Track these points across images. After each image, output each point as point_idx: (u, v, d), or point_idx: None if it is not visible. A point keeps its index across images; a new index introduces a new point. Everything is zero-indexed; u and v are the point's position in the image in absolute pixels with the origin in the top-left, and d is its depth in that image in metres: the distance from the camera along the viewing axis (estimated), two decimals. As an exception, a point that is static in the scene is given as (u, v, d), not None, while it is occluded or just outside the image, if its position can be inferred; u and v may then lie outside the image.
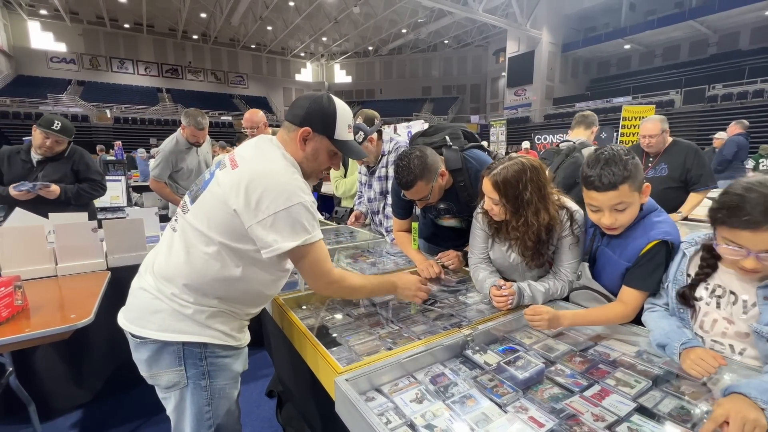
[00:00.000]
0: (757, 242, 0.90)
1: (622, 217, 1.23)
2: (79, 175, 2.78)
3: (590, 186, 1.22)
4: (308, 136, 1.14)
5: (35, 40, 23.75)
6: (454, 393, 0.95)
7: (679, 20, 18.82)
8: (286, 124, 1.17)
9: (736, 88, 15.88)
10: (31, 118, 19.50)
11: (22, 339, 1.32)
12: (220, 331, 1.12)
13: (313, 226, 1.09)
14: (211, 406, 1.14)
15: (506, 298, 1.35)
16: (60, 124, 2.59)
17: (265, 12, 22.73)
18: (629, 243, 1.27)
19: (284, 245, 1.04)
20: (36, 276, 1.91)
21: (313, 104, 1.14)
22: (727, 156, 5.59)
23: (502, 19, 20.97)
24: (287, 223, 1.03)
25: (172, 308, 1.07)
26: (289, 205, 1.03)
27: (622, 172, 1.17)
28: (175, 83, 28.46)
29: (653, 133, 2.77)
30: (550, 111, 22.59)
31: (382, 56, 31.81)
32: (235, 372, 1.19)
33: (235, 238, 1.06)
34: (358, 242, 2.46)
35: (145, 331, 1.08)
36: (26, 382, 1.96)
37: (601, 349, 1.17)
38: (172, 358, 1.09)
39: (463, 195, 1.79)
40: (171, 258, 1.10)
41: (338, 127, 1.16)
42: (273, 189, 1.03)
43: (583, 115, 3.10)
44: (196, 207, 1.11)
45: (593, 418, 0.86)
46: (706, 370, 0.95)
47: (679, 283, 1.15)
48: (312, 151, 1.16)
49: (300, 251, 1.08)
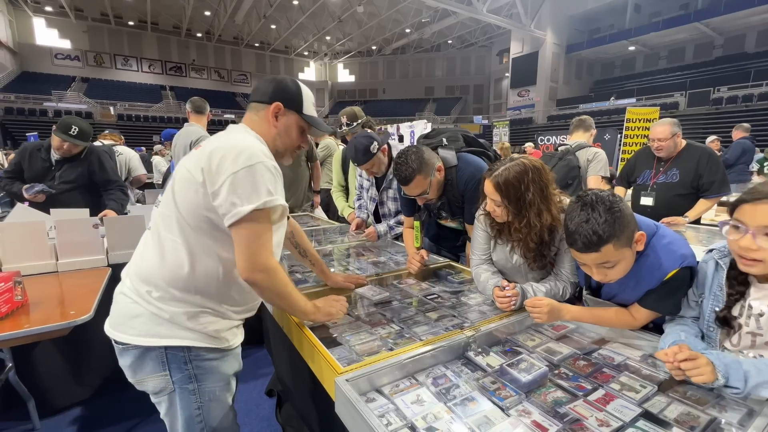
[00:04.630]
0: (756, 216, 0.90)
1: (612, 273, 1.10)
2: (95, 176, 2.81)
3: (571, 245, 1.10)
4: (280, 110, 1.15)
5: (40, 36, 23.87)
6: (455, 395, 0.94)
7: (685, 22, 18.75)
8: (253, 106, 1.17)
9: (742, 91, 15.80)
10: (36, 115, 19.63)
11: (21, 335, 1.31)
12: (204, 333, 1.08)
13: (277, 190, 1.04)
14: (202, 411, 1.11)
15: (509, 299, 1.33)
16: (77, 129, 2.61)
17: (269, 10, 22.76)
18: (642, 278, 1.15)
19: (244, 208, 0.98)
20: (36, 272, 1.91)
21: (279, 83, 1.17)
22: (730, 159, 5.57)
23: (507, 20, 20.94)
24: (248, 182, 0.99)
25: (151, 312, 1.04)
26: (250, 164, 0.99)
27: (603, 232, 1.01)
28: (178, 81, 28.55)
29: (663, 137, 2.59)
30: (554, 112, 22.55)
31: (386, 56, 31.81)
32: (224, 374, 1.15)
33: (203, 218, 1.02)
34: (359, 241, 2.45)
35: (126, 337, 1.05)
36: (26, 378, 1.96)
37: (606, 353, 1.15)
38: (156, 363, 1.06)
39: (449, 194, 1.83)
40: (146, 256, 1.08)
41: (305, 102, 1.19)
42: (233, 151, 1.00)
43: (581, 119, 3.09)
44: (165, 197, 1.10)
45: (598, 422, 0.84)
46: (673, 365, 0.94)
47: (718, 299, 1.05)
48: (284, 127, 1.17)
49: (253, 216, 0.99)
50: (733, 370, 0.89)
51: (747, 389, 0.88)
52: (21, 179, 2.68)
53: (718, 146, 6.49)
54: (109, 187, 2.87)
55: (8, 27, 21.85)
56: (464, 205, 1.84)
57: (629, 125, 7.31)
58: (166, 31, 27.36)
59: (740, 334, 1.01)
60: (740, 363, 0.90)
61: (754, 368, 0.88)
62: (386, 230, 2.43)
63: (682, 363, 0.92)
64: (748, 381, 0.87)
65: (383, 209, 2.50)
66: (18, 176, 2.69)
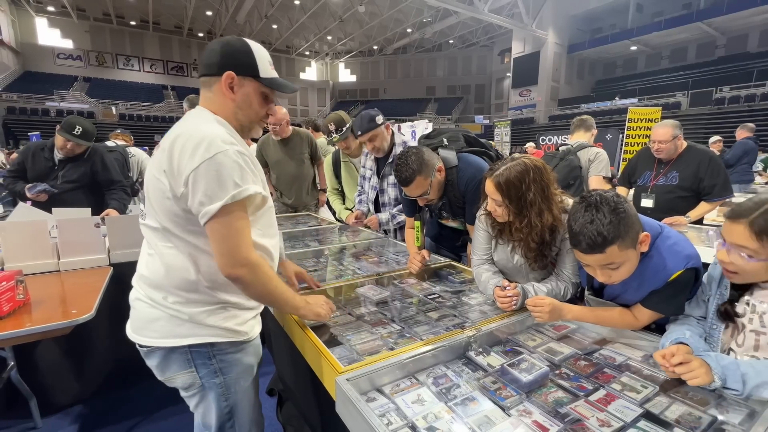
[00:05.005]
0: (732, 233, 0.94)
1: (616, 275, 1.09)
2: (97, 176, 2.83)
3: (575, 245, 1.08)
4: (233, 81, 1.03)
5: (42, 36, 23.91)
6: (456, 395, 0.94)
7: (687, 22, 18.68)
8: (204, 81, 1.06)
9: (744, 91, 15.74)
10: (38, 114, 19.68)
11: (23, 333, 1.32)
12: (224, 329, 1.09)
13: (245, 178, 0.96)
14: (228, 401, 1.14)
15: (511, 299, 1.33)
16: (81, 129, 2.61)
17: (270, 10, 22.76)
18: (646, 279, 1.15)
19: (213, 206, 0.92)
20: (38, 271, 1.92)
21: (225, 47, 1.03)
22: (730, 160, 5.55)
23: (508, 20, 20.91)
24: (210, 177, 0.91)
25: (170, 315, 1.04)
26: (209, 157, 0.91)
27: (608, 233, 1.00)
28: (180, 81, 28.55)
29: (663, 139, 2.57)
30: (555, 112, 22.50)
31: (387, 56, 31.78)
32: (247, 365, 1.17)
33: (187, 220, 0.98)
34: (360, 241, 2.45)
35: (149, 340, 1.07)
36: (27, 377, 1.97)
37: (607, 353, 1.14)
38: (181, 361, 1.08)
39: (450, 195, 1.83)
40: (151, 267, 1.06)
41: (260, 64, 1.05)
42: (188, 144, 0.92)
43: (582, 119, 3.09)
44: (147, 208, 1.05)
45: (599, 423, 0.84)
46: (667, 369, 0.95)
47: (724, 297, 1.05)
48: (243, 98, 1.05)
49: (224, 211, 0.93)
50: (730, 372, 0.89)
51: (746, 391, 0.87)
52: (24, 178, 2.69)
53: (721, 147, 6.46)
54: (111, 187, 2.88)
55: (11, 27, 21.90)
56: (465, 205, 1.84)
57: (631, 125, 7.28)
58: (168, 30, 27.37)
59: (744, 333, 1.01)
60: (738, 365, 0.90)
61: (752, 370, 0.88)
62: (388, 218, 2.43)
63: (676, 367, 0.93)
64: (747, 383, 0.87)
65: (383, 197, 2.50)
66: (21, 175, 2.70)
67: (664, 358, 0.96)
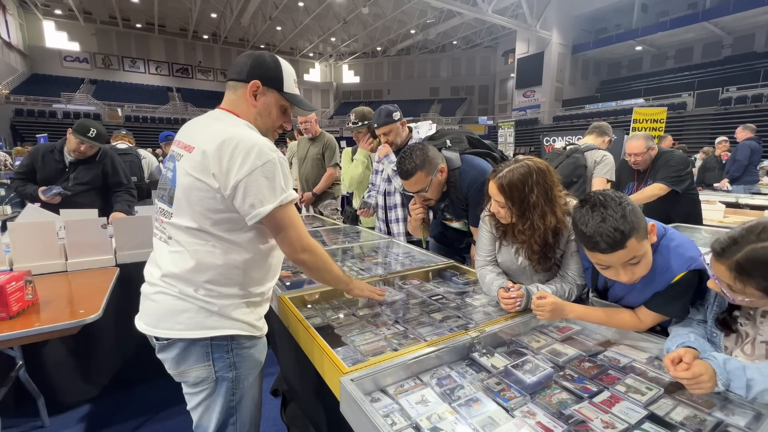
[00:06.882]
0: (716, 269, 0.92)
1: (639, 270, 1.08)
2: (108, 178, 2.86)
3: (593, 248, 1.05)
4: (258, 89, 1.12)
5: (50, 39, 24.15)
6: (460, 396, 0.94)
7: (693, 21, 18.53)
8: (231, 84, 1.14)
9: (751, 91, 15.58)
10: (45, 116, 19.87)
11: (31, 333, 1.34)
12: (245, 322, 1.13)
13: (288, 184, 1.08)
14: (235, 396, 1.15)
15: (515, 300, 1.33)
16: (95, 131, 2.64)
17: (274, 12, 22.86)
18: (649, 280, 1.13)
19: (264, 209, 1.02)
20: (46, 271, 1.94)
21: (256, 59, 1.13)
22: (743, 161, 5.51)
23: (512, 20, 20.84)
24: (262, 183, 1.01)
25: (199, 306, 1.06)
26: (262, 163, 1.00)
27: (623, 227, 0.99)
28: (185, 82, 28.75)
29: (638, 152, 2.81)
30: (560, 113, 22.40)
31: (391, 57, 31.80)
32: (258, 361, 1.20)
33: (227, 219, 1.05)
34: (365, 242, 2.46)
35: (171, 332, 1.07)
36: (35, 376, 1.99)
37: (611, 355, 1.14)
38: (200, 353, 1.09)
39: (453, 196, 1.84)
40: (179, 263, 1.07)
41: (285, 80, 1.15)
42: (238, 152, 1.00)
43: (598, 124, 3.13)
44: (176, 208, 1.07)
45: (603, 424, 0.84)
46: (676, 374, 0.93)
47: (722, 307, 1.04)
48: (264, 106, 1.14)
49: (278, 212, 1.05)
50: (735, 377, 0.88)
51: (751, 396, 0.87)
52: (33, 180, 2.71)
53: (728, 147, 6.41)
54: (118, 189, 2.91)
55: (19, 30, 22.15)
56: (468, 208, 1.84)
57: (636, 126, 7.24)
58: (173, 33, 27.57)
59: (755, 344, 0.99)
60: (744, 370, 0.89)
61: (759, 374, 0.87)
62: (376, 202, 2.55)
63: (681, 376, 0.92)
64: (752, 388, 0.86)
65: (389, 186, 2.55)
66: (30, 177, 2.72)
67: (672, 363, 0.95)
